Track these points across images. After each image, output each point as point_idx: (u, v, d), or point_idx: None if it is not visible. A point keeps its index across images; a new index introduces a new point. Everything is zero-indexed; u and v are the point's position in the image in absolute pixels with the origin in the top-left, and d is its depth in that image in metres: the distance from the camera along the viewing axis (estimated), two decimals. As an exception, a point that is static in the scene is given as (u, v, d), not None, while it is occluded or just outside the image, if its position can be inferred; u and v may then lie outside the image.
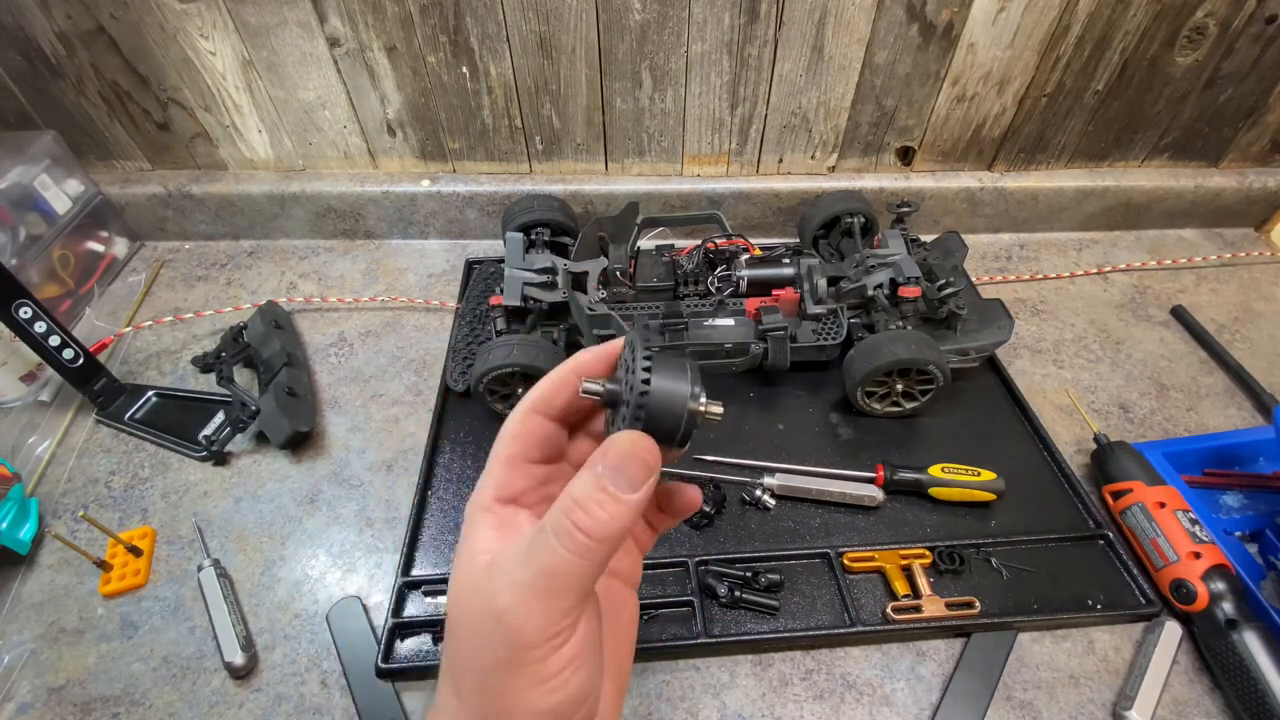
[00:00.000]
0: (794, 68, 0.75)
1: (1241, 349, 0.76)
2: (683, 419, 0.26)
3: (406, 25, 0.71)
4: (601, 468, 0.24)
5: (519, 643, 0.23)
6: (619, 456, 0.24)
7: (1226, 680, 0.49)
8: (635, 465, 0.24)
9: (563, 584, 0.23)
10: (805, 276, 0.68)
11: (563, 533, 0.23)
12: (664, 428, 0.26)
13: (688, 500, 0.32)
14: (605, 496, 0.24)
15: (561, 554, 0.23)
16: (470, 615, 0.25)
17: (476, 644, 0.24)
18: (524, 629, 0.23)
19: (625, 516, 0.24)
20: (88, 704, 0.49)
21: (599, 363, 0.29)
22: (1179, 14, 0.73)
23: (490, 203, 0.85)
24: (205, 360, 0.70)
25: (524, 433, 0.28)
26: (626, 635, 0.32)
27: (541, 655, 0.23)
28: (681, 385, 0.26)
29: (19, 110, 0.77)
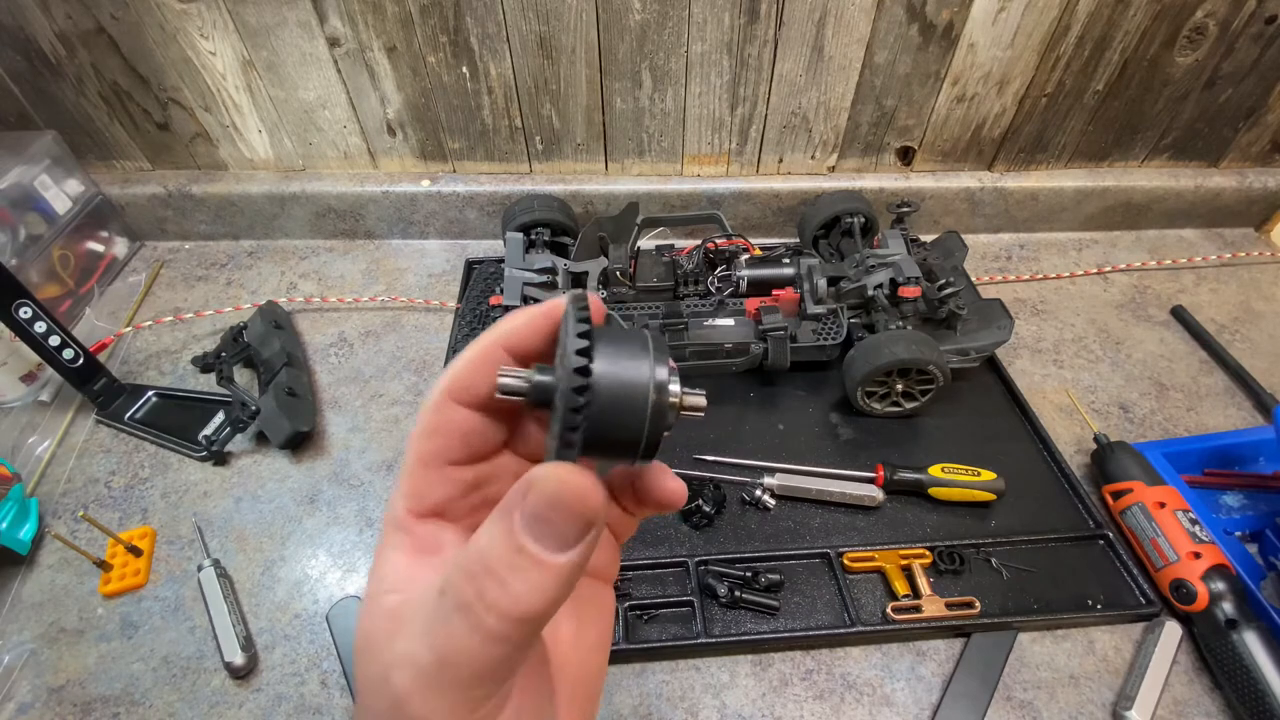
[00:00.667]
0: (794, 68, 0.75)
1: (1241, 349, 0.76)
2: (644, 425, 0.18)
3: (406, 25, 0.71)
4: (518, 516, 0.17)
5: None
6: (542, 501, 0.17)
7: (1226, 680, 0.49)
8: (564, 515, 0.17)
9: (469, 675, 0.17)
10: (805, 276, 0.68)
11: (464, 608, 0.17)
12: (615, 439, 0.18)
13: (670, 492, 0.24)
14: (523, 560, 0.17)
15: (465, 638, 0.17)
16: (371, 680, 0.19)
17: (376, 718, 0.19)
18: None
19: (552, 587, 0.17)
20: (88, 704, 0.49)
21: (532, 332, 0.21)
22: (1179, 14, 0.73)
23: (490, 203, 0.85)
24: (205, 360, 0.70)
25: (439, 427, 0.21)
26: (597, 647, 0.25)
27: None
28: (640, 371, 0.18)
29: (19, 110, 0.77)
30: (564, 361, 0.18)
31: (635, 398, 0.18)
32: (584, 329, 0.17)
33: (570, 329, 0.18)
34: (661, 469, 0.24)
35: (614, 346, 0.18)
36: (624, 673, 0.51)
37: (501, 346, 0.21)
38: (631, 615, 0.53)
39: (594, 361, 0.17)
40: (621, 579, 0.55)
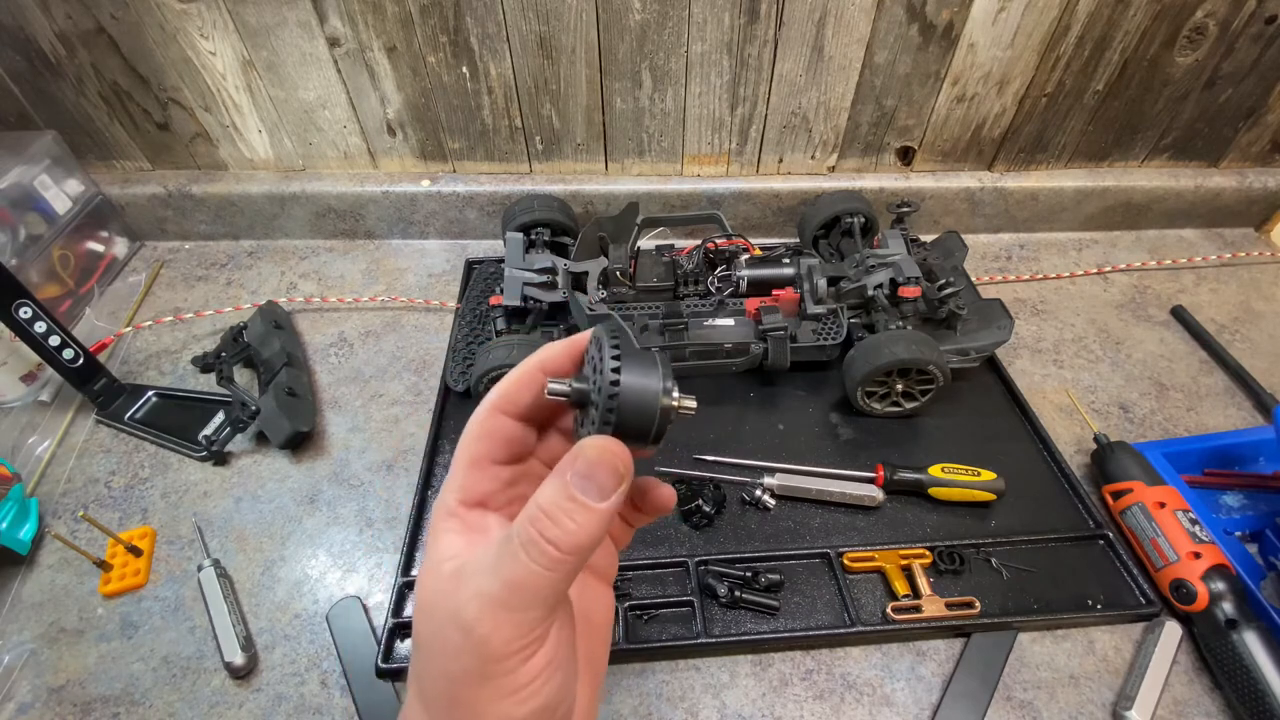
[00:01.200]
0: (794, 68, 0.75)
1: (1241, 349, 0.76)
2: (655, 418, 0.24)
3: (406, 25, 0.71)
4: (570, 475, 0.23)
5: (487, 655, 0.23)
6: (588, 464, 0.23)
7: (1226, 680, 0.49)
8: (605, 472, 0.23)
9: (531, 596, 0.23)
10: (805, 276, 0.68)
11: (530, 544, 0.22)
12: (635, 427, 0.24)
13: (662, 499, 0.30)
14: (574, 506, 0.23)
15: (529, 566, 0.22)
16: (437, 624, 0.24)
17: (444, 654, 0.24)
18: (492, 641, 0.22)
19: (595, 526, 0.23)
20: (88, 704, 0.49)
21: (565, 357, 0.28)
22: (1179, 14, 0.73)
23: (490, 203, 0.85)
24: (205, 360, 0.70)
25: (488, 433, 0.27)
26: (601, 633, 0.31)
27: (511, 667, 0.23)
28: (652, 381, 0.24)
29: (19, 110, 0.77)
30: (600, 370, 0.25)
31: (649, 399, 0.24)
32: (616, 349, 0.25)
33: (605, 347, 0.25)
34: (654, 481, 0.30)
35: (635, 361, 0.25)
36: (624, 673, 0.51)
37: (540, 369, 0.27)
38: (631, 615, 0.53)
39: (622, 373, 0.24)
40: (621, 579, 0.55)
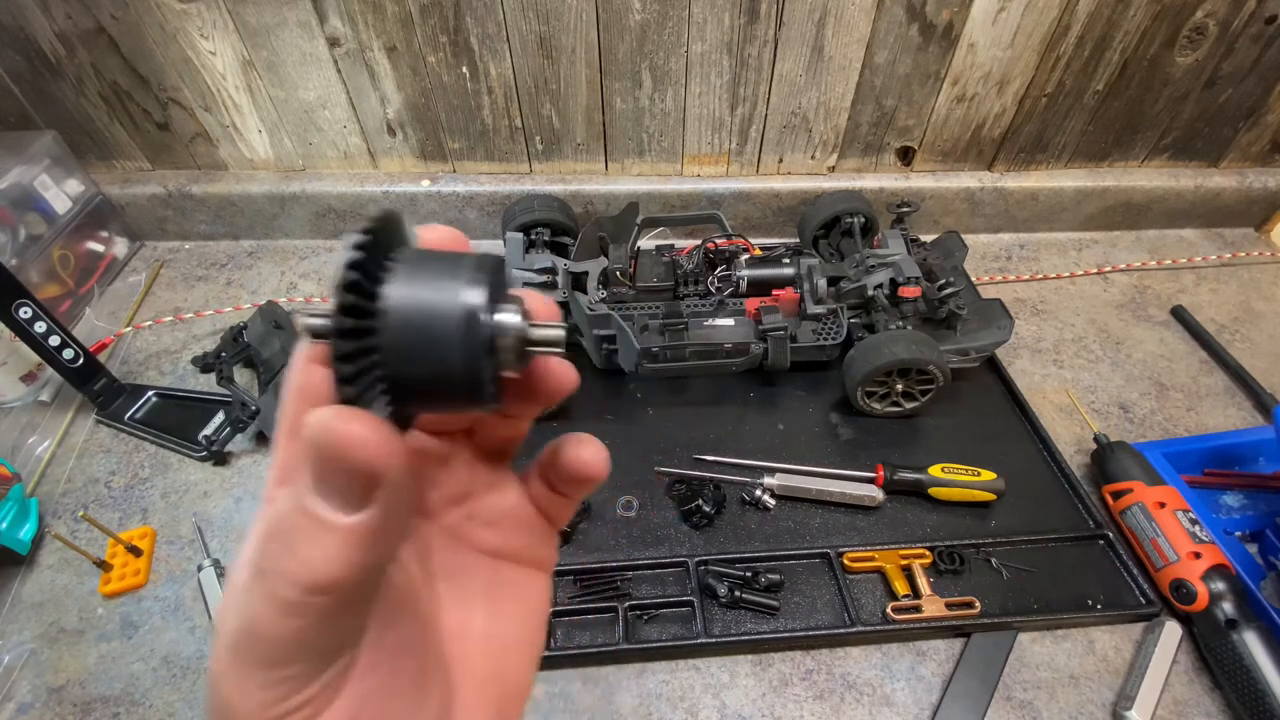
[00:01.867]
0: (794, 68, 0.75)
1: (1241, 349, 0.76)
2: (455, 355, 0.14)
3: (406, 25, 0.71)
4: (306, 473, 0.15)
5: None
6: (314, 454, 0.14)
7: (1226, 680, 0.49)
8: (338, 468, 0.14)
9: (275, 649, 0.15)
10: (805, 276, 0.68)
11: (261, 575, 0.15)
12: (426, 378, 0.15)
13: (579, 463, 0.20)
14: (307, 521, 0.15)
15: (260, 608, 0.15)
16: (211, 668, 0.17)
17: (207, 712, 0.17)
18: (239, 709, 0.15)
19: (345, 553, 0.15)
20: (88, 704, 0.49)
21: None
22: (1179, 14, 0.73)
23: (490, 203, 0.85)
24: (205, 360, 0.70)
25: (307, 388, 0.17)
26: (519, 645, 0.22)
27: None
28: (447, 293, 0.14)
29: (19, 110, 0.77)
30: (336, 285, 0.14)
31: (444, 325, 0.14)
32: (361, 240, 0.14)
33: (349, 246, 0.14)
34: (578, 437, 0.21)
35: (420, 270, 0.15)
36: (624, 673, 0.51)
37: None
38: (631, 615, 0.53)
39: (393, 284, 0.14)
40: (621, 579, 0.55)
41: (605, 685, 0.50)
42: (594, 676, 0.51)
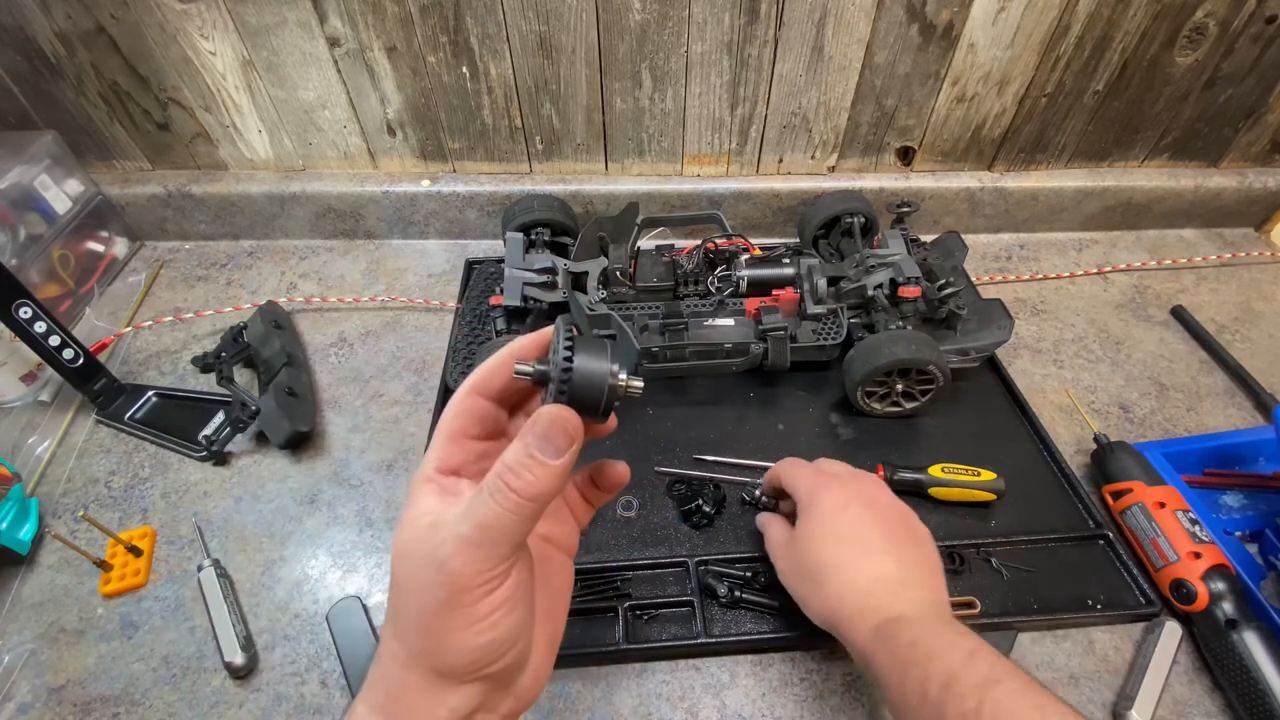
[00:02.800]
0: (794, 68, 0.75)
1: (1241, 349, 0.76)
2: (603, 393, 0.29)
3: (406, 25, 0.71)
4: (530, 437, 0.28)
5: (457, 585, 0.27)
6: (544, 426, 0.28)
7: (1226, 680, 0.49)
8: (558, 433, 0.28)
9: (496, 535, 0.27)
10: (805, 276, 0.68)
11: (497, 491, 0.27)
12: (586, 401, 0.29)
13: (617, 475, 0.37)
14: (532, 461, 0.27)
15: (495, 509, 0.27)
16: (413, 565, 0.28)
17: (418, 590, 0.28)
18: (462, 573, 0.27)
19: (551, 478, 0.28)
20: (88, 704, 0.49)
21: (533, 347, 0.32)
22: (1179, 14, 0.73)
23: (490, 203, 0.85)
24: (205, 360, 0.70)
25: (464, 411, 0.31)
26: (560, 597, 0.36)
27: (476, 597, 0.27)
28: (601, 364, 0.29)
29: (19, 110, 0.77)
30: (556, 354, 0.29)
31: (598, 379, 0.29)
32: (570, 336, 0.29)
33: (560, 336, 0.30)
34: (610, 460, 0.37)
35: (587, 347, 0.30)
36: (624, 673, 0.51)
37: (512, 356, 0.31)
38: (631, 615, 0.53)
39: (575, 356, 0.29)
40: (621, 579, 0.55)
41: (605, 685, 0.50)
42: (594, 676, 0.51)
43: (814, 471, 0.50)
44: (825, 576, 0.44)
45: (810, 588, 0.46)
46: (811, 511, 0.47)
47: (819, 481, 0.48)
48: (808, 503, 0.47)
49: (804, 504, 0.48)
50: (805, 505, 0.48)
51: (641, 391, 0.30)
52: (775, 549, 0.50)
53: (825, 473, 0.50)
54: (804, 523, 0.47)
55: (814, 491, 0.48)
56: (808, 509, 0.47)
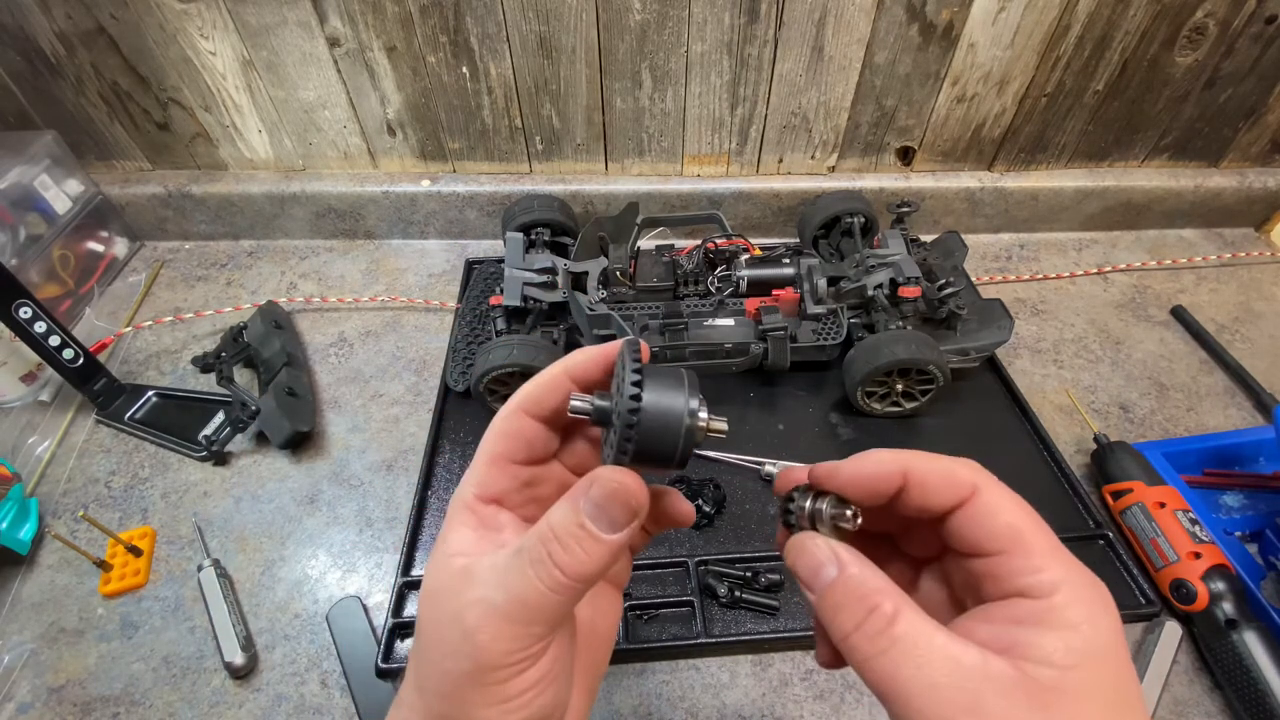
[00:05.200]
0: (794, 68, 0.75)
1: (1241, 349, 0.76)
2: (679, 442, 0.23)
3: (406, 25, 0.71)
4: (584, 502, 0.23)
5: (484, 662, 0.23)
6: (601, 494, 0.23)
7: (1226, 680, 0.49)
8: (618, 506, 0.23)
9: (534, 614, 0.23)
10: (805, 276, 0.68)
11: (538, 563, 0.23)
12: (657, 452, 0.23)
13: (681, 513, 0.31)
14: (584, 534, 0.23)
15: (536, 585, 0.23)
16: (440, 619, 0.24)
17: (441, 649, 0.24)
18: (490, 650, 0.23)
19: (603, 557, 0.23)
20: (88, 704, 0.49)
21: (595, 365, 0.27)
22: (1179, 14, 0.73)
23: (490, 203, 0.85)
24: (205, 360, 0.70)
25: (510, 433, 0.27)
26: (605, 641, 0.31)
27: (505, 677, 0.23)
28: (677, 402, 0.23)
29: (19, 110, 0.77)
30: (620, 390, 0.24)
31: (673, 421, 0.23)
32: (637, 368, 0.23)
33: (626, 366, 0.24)
34: (675, 494, 0.31)
35: (659, 381, 0.24)
36: (624, 673, 0.51)
37: (567, 375, 0.27)
38: (631, 615, 0.53)
39: (644, 393, 0.23)
40: (621, 579, 0.55)
41: (605, 685, 0.50)
42: (594, 676, 0.51)
43: (1054, 541, 0.23)
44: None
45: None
46: (1083, 633, 0.21)
47: (1081, 573, 0.22)
48: (1068, 606, 0.21)
49: (1055, 606, 0.21)
50: (1060, 610, 0.21)
51: (726, 434, 0.25)
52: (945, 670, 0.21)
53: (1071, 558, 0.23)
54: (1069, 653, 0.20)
55: (1082, 596, 0.21)
56: (1069, 624, 0.21)
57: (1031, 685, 0.19)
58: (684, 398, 0.23)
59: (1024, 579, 0.22)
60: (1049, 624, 0.21)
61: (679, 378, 0.24)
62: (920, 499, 0.25)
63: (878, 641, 0.21)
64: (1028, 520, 0.23)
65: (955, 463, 0.25)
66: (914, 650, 0.21)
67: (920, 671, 0.20)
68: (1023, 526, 0.23)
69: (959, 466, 0.25)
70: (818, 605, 0.24)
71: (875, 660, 0.21)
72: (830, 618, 0.23)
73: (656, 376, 0.24)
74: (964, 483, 0.24)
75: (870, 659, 0.21)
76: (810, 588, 0.24)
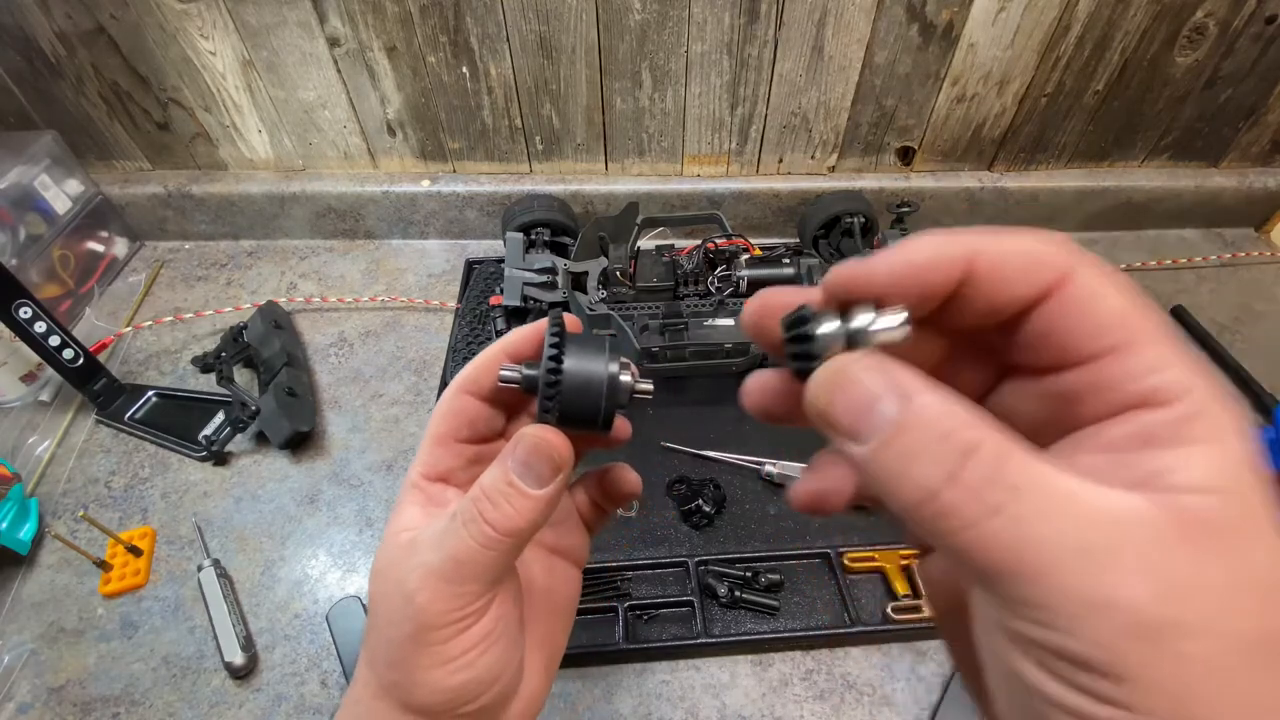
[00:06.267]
0: (794, 68, 0.75)
1: (1241, 349, 0.76)
2: (601, 400, 0.24)
3: (406, 25, 0.71)
4: (510, 460, 0.24)
5: (424, 623, 0.24)
6: (525, 451, 0.24)
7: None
8: (542, 461, 0.24)
9: (469, 571, 0.23)
10: (805, 276, 0.68)
11: (470, 522, 0.23)
12: (580, 413, 0.24)
13: (626, 485, 0.31)
14: (512, 491, 0.23)
15: (468, 543, 0.23)
16: (385, 590, 0.25)
17: (388, 618, 0.25)
18: (429, 610, 0.23)
19: (533, 512, 0.24)
20: (88, 704, 0.49)
21: (529, 343, 0.28)
22: (1179, 14, 0.73)
23: (490, 203, 0.85)
24: (205, 360, 0.70)
25: (452, 412, 0.28)
26: (562, 613, 0.31)
27: (445, 637, 0.24)
28: (597, 365, 0.24)
29: (19, 110, 0.77)
30: (543, 356, 0.25)
31: (595, 382, 0.24)
32: (555, 332, 0.25)
33: (547, 334, 0.25)
34: (621, 466, 0.31)
35: (581, 347, 0.25)
36: (624, 673, 0.51)
37: (504, 353, 0.28)
38: (631, 615, 0.53)
39: (566, 356, 0.24)
40: (621, 578, 0.55)
41: (605, 685, 0.50)
42: (594, 676, 0.51)
43: (1171, 333, 0.16)
44: None
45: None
46: (1230, 446, 0.15)
47: (1207, 374, 0.16)
48: (1207, 412, 0.15)
49: (1193, 414, 0.15)
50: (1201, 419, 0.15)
51: (651, 394, 0.26)
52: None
53: None
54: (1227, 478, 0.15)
55: (1218, 396, 0.15)
56: (1214, 435, 0.15)
57: (1195, 525, 0.14)
58: (604, 360, 0.25)
59: (1147, 381, 0.16)
60: (1190, 438, 0.15)
61: (600, 344, 0.25)
62: (992, 292, 0.17)
63: (987, 495, 0.14)
64: (1140, 307, 0.16)
65: (1037, 239, 0.17)
66: (1045, 501, 0.14)
67: (1064, 531, 0.14)
68: (1135, 314, 0.16)
69: (1043, 244, 0.17)
70: (874, 460, 0.16)
71: (986, 525, 0.14)
72: (900, 473, 0.16)
73: (579, 342, 0.25)
74: (1054, 264, 0.17)
75: (978, 524, 0.14)
76: (858, 436, 0.17)
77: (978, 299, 0.18)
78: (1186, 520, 0.14)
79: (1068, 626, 0.14)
